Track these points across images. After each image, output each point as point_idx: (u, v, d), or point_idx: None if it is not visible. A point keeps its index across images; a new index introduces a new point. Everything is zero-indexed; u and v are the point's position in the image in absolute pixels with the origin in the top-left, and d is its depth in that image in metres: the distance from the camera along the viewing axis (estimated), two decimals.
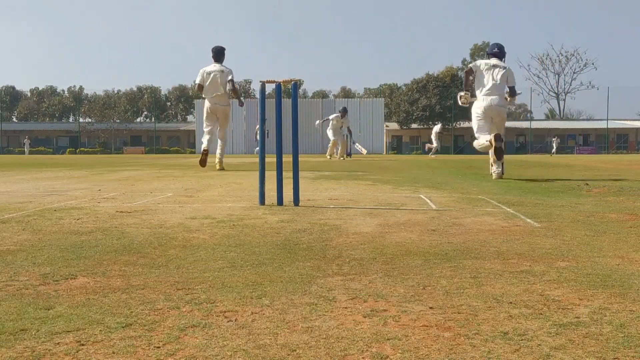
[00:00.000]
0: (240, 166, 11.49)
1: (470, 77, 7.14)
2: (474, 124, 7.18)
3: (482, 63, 7.15)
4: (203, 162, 9.21)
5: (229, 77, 9.03)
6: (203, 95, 9.37)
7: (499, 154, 6.76)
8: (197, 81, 9.31)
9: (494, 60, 7.13)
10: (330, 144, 18.62)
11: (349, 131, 20.08)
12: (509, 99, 7.03)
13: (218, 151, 9.29)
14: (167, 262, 2.15)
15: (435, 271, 2.00)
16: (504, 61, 7.18)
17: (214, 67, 9.11)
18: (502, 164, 6.99)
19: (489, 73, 6.97)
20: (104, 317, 1.48)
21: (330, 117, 18.82)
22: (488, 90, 6.95)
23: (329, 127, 18.46)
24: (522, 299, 1.64)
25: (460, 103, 7.37)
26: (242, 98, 9.29)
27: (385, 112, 45.49)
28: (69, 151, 45.77)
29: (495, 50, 7.23)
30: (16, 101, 65.88)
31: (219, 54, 9.17)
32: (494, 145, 6.70)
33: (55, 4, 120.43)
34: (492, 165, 7.05)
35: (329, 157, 18.37)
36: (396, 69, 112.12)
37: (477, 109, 7.06)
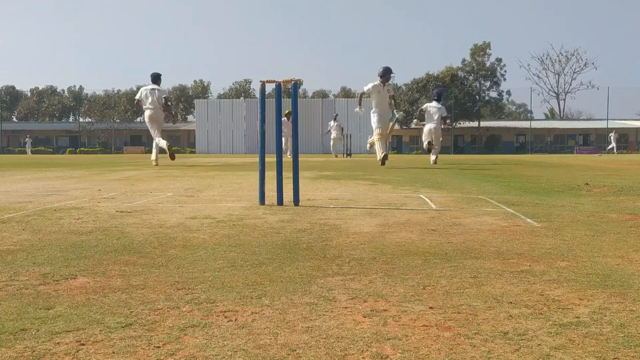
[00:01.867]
0: (241, 166, 11.49)
1: (424, 115, 12.99)
2: (424, 135, 13.00)
3: (428, 106, 13.01)
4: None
5: (164, 96, 11.89)
6: (143, 108, 11.91)
7: (429, 149, 12.81)
8: (137, 97, 11.99)
9: (434, 103, 12.91)
10: (377, 135, 10.87)
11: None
12: (444, 124, 13.05)
13: (155, 148, 11.71)
14: (167, 262, 2.15)
15: (435, 271, 2.00)
16: (442, 101, 13.44)
17: (152, 87, 11.81)
18: (436, 157, 12.70)
19: (432, 110, 12.72)
20: (104, 317, 1.48)
21: (367, 88, 10.70)
22: (431, 119, 12.72)
23: (374, 107, 10.87)
24: (522, 299, 1.64)
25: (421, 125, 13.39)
26: (173, 114, 12.17)
27: None
28: (69, 151, 45.77)
29: (435, 97, 13.19)
30: (16, 101, 65.87)
31: (156, 78, 11.98)
32: (427, 146, 12.77)
33: (55, 4, 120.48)
34: (431, 156, 12.76)
35: (381, 155, 10.85)
36: (396, 69, 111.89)
37: (426, 129, 12.86)
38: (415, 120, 13.24)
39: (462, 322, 1.44)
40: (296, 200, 3.97)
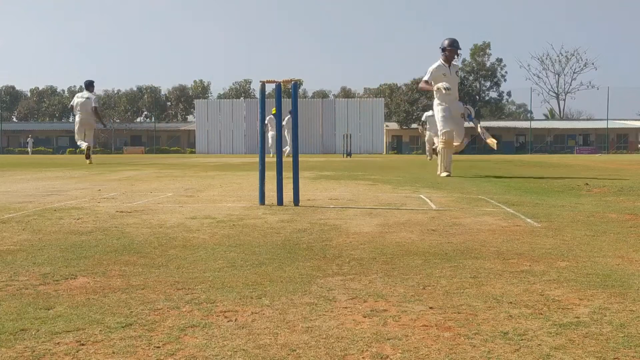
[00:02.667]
0: (241, 166, 11.49)
1: (426, 123, 15.64)
2: (428, 142, 15.96)
3: (427, 115, 15.43)
4: (88, 157, 12.88)
5: (93, 105, 13.08)
6: (74, 113, 13.34)
7: (435, 153, 12.34)
8: (72, 103, 13.37)
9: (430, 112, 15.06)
10: (442, 141, 8.11)
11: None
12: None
13: (89, 149, 13.22)
14: (167, 262, 2.15)
15: (435, 271, 2.00)
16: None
17: (85, 94, 13.18)
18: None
19: (433, 118, 13.83)
20: (104, 317, 1.48)
21: (431, 71, 8.06)
22: (434, 125, 13.54)
23: (437, 100, 8.70)
24: (522, 299, 1.64)
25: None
26: (104, 121, 13.54)
27: (385, 112, 45.50)
28: (69, 151, 45.77)
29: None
30: (16, 101, 65.85)
31: (88, 86, 13.30)
32: (433, 152, 13.91)
33: (55, 4, 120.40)
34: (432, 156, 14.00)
35: (444, 172, 8.14)
36: (396, 69, 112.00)
37: (428, 135, 15.73)
38: (420, 129, 16.01)
39: (462, 322, 1.44)
40: (296, 200, 3.97)
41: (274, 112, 18.88)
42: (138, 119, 62.25)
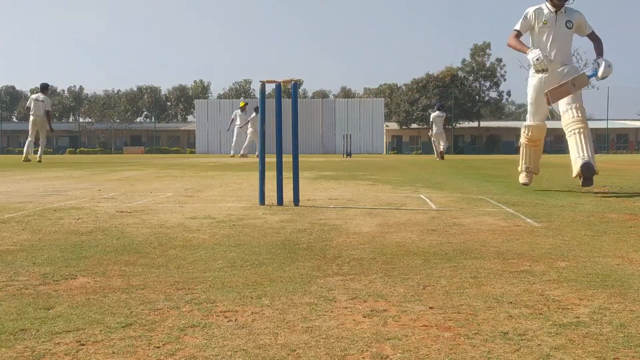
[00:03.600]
0: (241, 166, 11.49)
1: (432, 124, 18.27)
2: (434, 137, 17.96)
3: (433, 115, 17.97)
4: (26, 160, 13.87)
5: (47, 109, 14.05)
6: (30, 114, 14.26)
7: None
8: (27, 104, 14.38)
9: (438, 112, 17.99)
10: (531, 124, 5.32)
11: None
12: (446, 124, 18.39)
13: (40, 149, 14.35)
14: (167, 262, 2.15)
15: (435, 271, 2.00)
16: (443, 109, 18.68)
17: (39, 96, 14.18)
18: (442, 153, 16.76)
19: (437, 119, 17.98)
20: (104, 317, 1.48)
21: (525, 15, 5.15)
22: (437, 125, 18.39)
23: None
24: (522, 299, 1.64)
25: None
26: (52, 126, 14.21)
27: (385, 112, 45.47)
28: (68, 151, 45.77)
29: (439, 107, 18.28)
30: (16, 101, 65.85)
31: (43, 88, 14.42)
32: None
33: (55, 4, 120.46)
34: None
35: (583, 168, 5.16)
36: (396, 69, 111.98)
37: (436, 133, 18.05)
38: (429, 132, 17.75)
39: (462, 322, 1.44)
40: (296, 201, 3.97)
41: (242, 105, 19.37)
42: (138, 119, 62.23)
